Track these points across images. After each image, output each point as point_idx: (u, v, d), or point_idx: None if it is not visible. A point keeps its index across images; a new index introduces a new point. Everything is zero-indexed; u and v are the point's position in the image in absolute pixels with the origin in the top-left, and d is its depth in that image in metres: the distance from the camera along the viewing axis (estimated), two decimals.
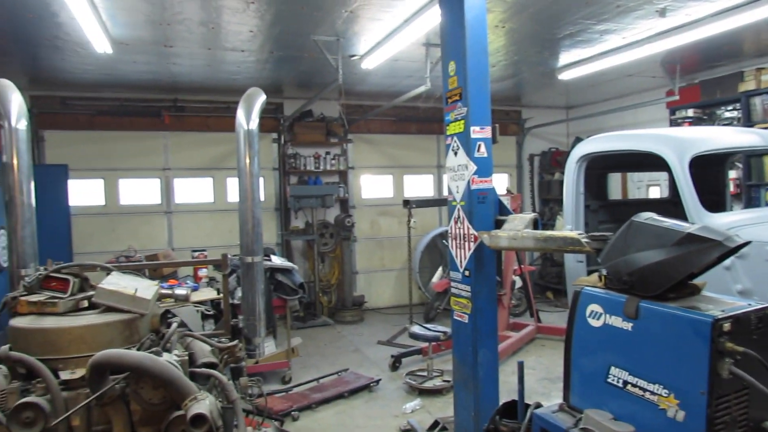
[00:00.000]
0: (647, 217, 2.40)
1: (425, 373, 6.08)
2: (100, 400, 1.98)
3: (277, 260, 6.63)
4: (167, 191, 9.11)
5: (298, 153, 9.57)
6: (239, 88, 7.37)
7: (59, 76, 7.69)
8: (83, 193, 8.71)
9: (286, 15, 5.50)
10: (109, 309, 2.23)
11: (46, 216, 5.87)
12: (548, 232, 3.30)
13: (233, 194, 9.29)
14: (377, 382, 6.06)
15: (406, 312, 9.25)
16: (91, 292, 2.32)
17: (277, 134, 9.59)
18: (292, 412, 5.21)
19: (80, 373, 2.03)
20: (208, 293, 6.03)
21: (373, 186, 10.36)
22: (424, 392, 5.78)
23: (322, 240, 9.53)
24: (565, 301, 8.92)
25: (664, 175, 7.65)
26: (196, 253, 7.16)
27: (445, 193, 4.24)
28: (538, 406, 2.72)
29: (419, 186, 10.64)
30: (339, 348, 7.73)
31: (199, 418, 1.89)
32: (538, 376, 6.17)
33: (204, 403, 1.92)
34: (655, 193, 9.35)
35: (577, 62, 7.50)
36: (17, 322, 2.16)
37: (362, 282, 10.14)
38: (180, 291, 4.32)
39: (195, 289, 6.05)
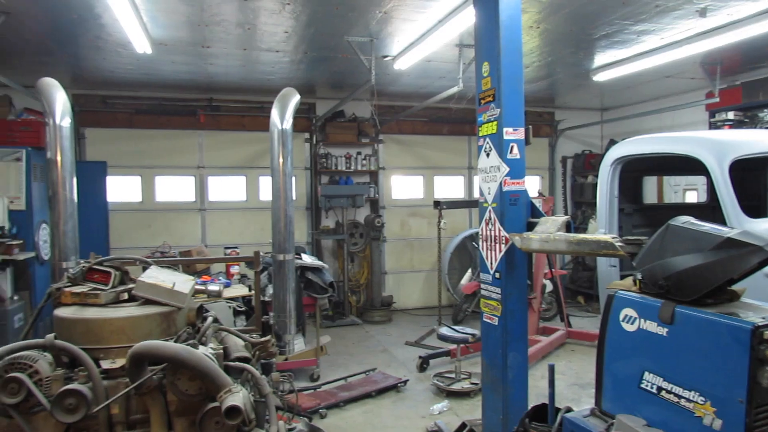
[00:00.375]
0: (685, 220, 2.35)
1: (453, 375, 6.06)
2: (139, 389, 2.04)
3: (307, 259, 6.70)
4: (201, 189, 9.31)
5: (329, 153, 9.65)
6: (273, 88, 7.48)
7: (100, 76, 7.93)
8: (121, 189, 8.96)
9: (321, 16, 5.56)
10: (148, 302, 2.30)
11: (85, 211, 6.06)
12: (581, 235, 3.27)
13: (265, 193, 9.42)
14: (405, 382, 6.07)
15: (435, 313, 9.23)
16: (131, 285, 2.40)
17: (309, 134, 9.69)
18: (320, 410, 5.26)
19: (120, 362, 2.10)
20: (240, 290, 6.14)
21: (403, 187, 10.37)
22: (451, 394, 5.77)
23: (351, 240, 9.59)
24: (597, 306, 8.78)
25: (702, 179, 7.45)
26: (229, 250, 7.30)
27: (476, 194, 4.23)
28: (569, 410, 2.70)
29: (450, 187, 10.61)
30: (367, 348, 7.76)
31: (233, 410, 1.93)
32: (568, 382, 6.08)
33: (238, 396, 1.97)
34: (692, 197, 9.11)
35: (612, 63, 7.37)
36: (61, 312, 2.25)
37: (391, 282, 10.16)
38: (213, 287, 4.40)
39: (227, 286, 6.17)
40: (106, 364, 2.10)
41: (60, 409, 1.95)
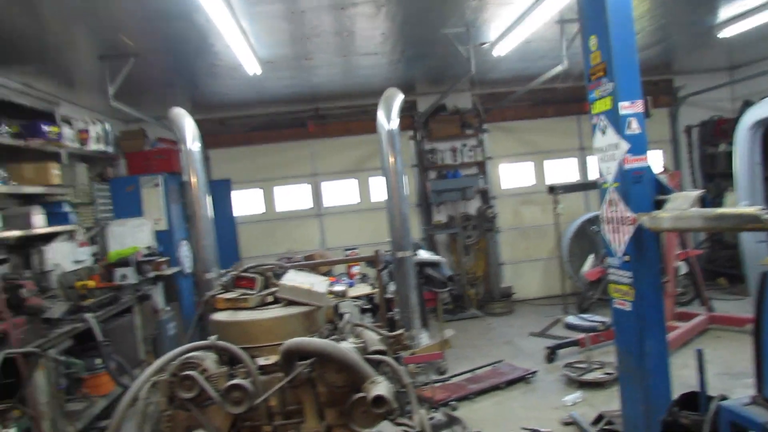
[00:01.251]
0: None
1: (584, 365, 5.83)
2: (292, 382, 2.22)
3: (425, 254, 6.78)
4: (317, 195, 9.77)
5: (434, 148, 9.70)
6: (374, 90, 7.66)
7: (217, 100, 8.59)
8: (245, 203, 9.66)
9: (416, 13, 5.60)
10: (291, 303, 2.50)
11: (216, 226, 6.64)
12: (720, 210, 3.02)
13: (376, 193, 9.70)
14: (533, 373, 5.95)
15: (556, 302, 8.94)
16: (274, 289, 2.61)
17: (413, 131, 9.80)
18: (451, 402, 5.31)
19: (273, 359, 2.30)
20: (363, 289, 6.36)
21: (512, 174, 10.14)
22: (584, 385, 5.55)
23: (465, 232, 9.57)
24: (742, 287, 7.96)
25: None
26: (348, 252, 7.58)
27: (592, 176, 4.05)
28: (724, 398, 2.51)
29: (562, 171, 10.18)
30: (490, 340, 7.70)
31: (380, 400, 2.05)
32: (715, 371, 5.56)
33: (383, 386, 2.08)
34: None
35: (741, 15, 6.60)
36: (218, 316, 2.50)
37: (509, 273, 9.97)
38: (338, 287, 4.59)
39: (351, 286, 6.41)
40: (261, 361, 2.31)
41: (228, 402, 2.18)
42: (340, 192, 9.88)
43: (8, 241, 5.48)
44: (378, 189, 9.69)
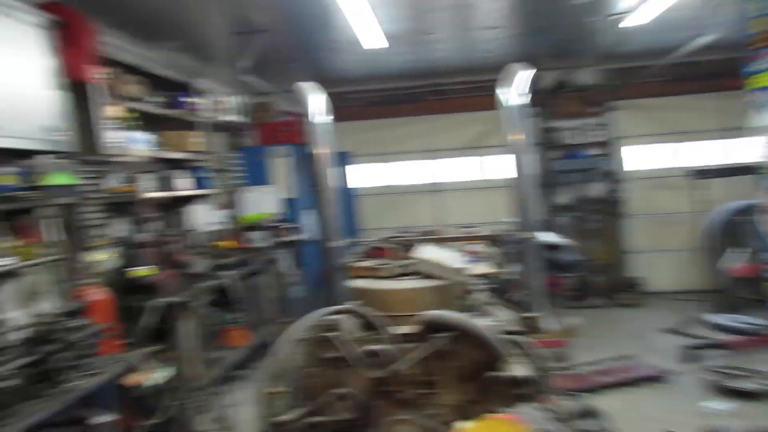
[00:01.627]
0: None
1: (731, 371, 5.25)
2: (428, 354, 2.22)
3: (551, 237, 6.48)
4: (434, 171, 9.75)
5: (557, 126, 9.25)
6: (494, 65, 7.37)
7: (336, 75, 8.77)
8: (362, 175, 9.91)
9: None
10: (425, 276, 2.50)
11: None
12: None
13: (494, 171, 9.49)
14: (668, 373, 5.51)
15: (692, 298, 8.21)
16: (407, 261, 2.62)
17: (534, 108, 9.38)
18: (574, 393, 5.07)
19: (408, 329, 2.32)
20: (483, 267, 6.24)
21: (643, 156, 9.39)
22: (731, 393, 4.98)
23: (589, 216, 9.06)
24: None
25: None
26: (466, 229, 7.48)
27: (738, 159, 3.51)
28: None
29: (701, 153, 9.23)
30: (617, 331, 7.27)
31: (519, 380, 1.98)
32: None
33: (519, 367, 2.02)
34: None
35: None
36: (357, 283, 2.57)
37: (638, 262, 9.27)
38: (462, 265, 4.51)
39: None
40: (396, 329, 2.33)
41: (364, 366, 2.23)
42: (457, 168, 9.78)
43: (157, 201, 6.03)
44: (495, 167, 9.46)
